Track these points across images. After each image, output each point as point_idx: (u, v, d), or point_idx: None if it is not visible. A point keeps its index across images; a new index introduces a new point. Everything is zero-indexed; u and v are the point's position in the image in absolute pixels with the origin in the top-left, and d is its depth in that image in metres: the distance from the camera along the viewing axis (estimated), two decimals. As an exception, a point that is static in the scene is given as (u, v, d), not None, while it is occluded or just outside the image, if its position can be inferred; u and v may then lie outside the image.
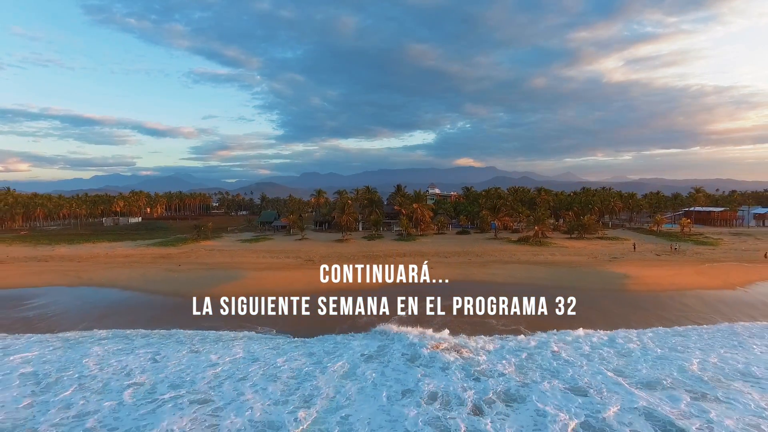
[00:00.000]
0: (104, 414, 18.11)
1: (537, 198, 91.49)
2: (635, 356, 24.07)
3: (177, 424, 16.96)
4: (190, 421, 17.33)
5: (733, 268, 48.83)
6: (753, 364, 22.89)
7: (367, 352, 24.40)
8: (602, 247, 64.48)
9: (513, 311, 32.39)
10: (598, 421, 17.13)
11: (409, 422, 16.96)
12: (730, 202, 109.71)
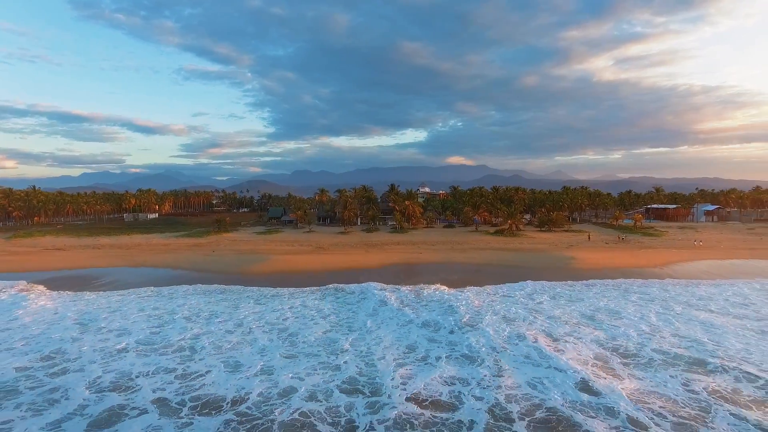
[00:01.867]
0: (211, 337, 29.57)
1: (515, 196, 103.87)
2: (546, 302, 35.97)
3: (264, 340, 28.50)
4: (274, 339, 28.87)
5: (663, 253, 61.16)
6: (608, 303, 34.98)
7: (382, 299, 36.04)
8: (564, 238, 76.78)
9: (483, 278, 44.45)
10: (517, 336, 28.76)
11: (412, 337, 28.30)
12: (685, 200, 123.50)
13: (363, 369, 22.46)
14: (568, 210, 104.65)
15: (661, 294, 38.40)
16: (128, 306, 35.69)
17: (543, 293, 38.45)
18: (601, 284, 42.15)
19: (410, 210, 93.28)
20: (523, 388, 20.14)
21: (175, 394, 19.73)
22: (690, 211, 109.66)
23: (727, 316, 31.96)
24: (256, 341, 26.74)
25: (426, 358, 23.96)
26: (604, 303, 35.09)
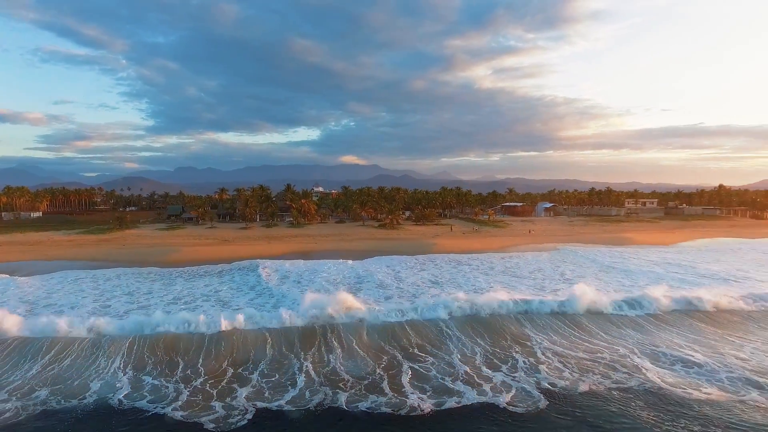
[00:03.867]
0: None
1: (396, 195, 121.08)
2: (404, 272, 50.83)
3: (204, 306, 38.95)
4: (209, 306, 39.35)
5: (502, 240, 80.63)
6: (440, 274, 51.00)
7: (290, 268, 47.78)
8: (433, 230, 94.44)
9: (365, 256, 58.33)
10: (384, 291, 42.58)
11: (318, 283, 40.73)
12: (530, 198, 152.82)
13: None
14: (440, 207, 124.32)
15: (479, 264, 55.46)
16: (65, 289, 41.39)
17: (400, 264, 53.41)
18: (445, 258, 58.49)
19: (306, 207, 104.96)
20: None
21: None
22: (533, 208, 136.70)
23: (499, 272, 49.35)
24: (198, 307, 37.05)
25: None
26: (435, 270, 50.92)
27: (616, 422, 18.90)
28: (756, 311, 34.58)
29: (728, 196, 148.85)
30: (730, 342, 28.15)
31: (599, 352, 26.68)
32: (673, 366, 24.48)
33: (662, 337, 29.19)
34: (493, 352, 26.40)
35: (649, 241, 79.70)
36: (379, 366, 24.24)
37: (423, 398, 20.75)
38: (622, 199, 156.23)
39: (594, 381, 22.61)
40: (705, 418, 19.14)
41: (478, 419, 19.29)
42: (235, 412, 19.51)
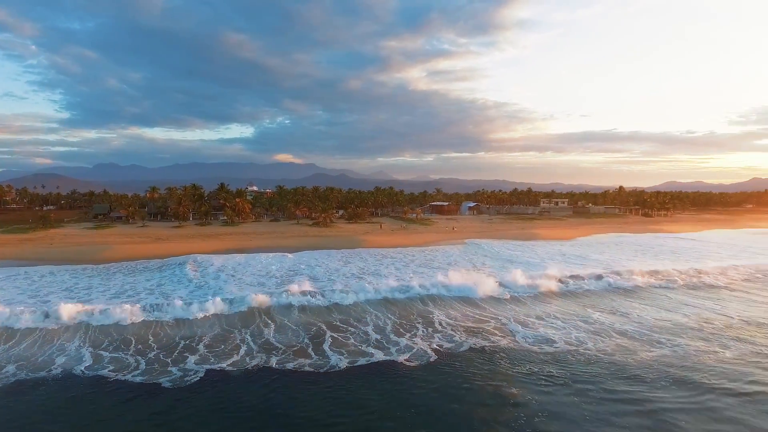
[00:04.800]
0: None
1: (330, 195, 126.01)
2: (333, 264, 56.33)
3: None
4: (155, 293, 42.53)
5: (426, 236, 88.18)
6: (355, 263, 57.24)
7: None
8: (364, 228, 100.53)
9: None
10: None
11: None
12: (456, 198, 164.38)
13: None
14: (373, 206, 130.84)
15: (402, 257, 62.16)
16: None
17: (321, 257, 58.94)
18: (372, 252, 64.66)
19: (240, 206, 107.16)
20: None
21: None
22: (459, 207, 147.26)
23: (418, 264, 56.38)
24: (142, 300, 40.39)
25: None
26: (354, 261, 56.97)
27: (485, 368, 25.40)
28: (610, 289, 43.67)
29: (627, 197, 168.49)
30: (582, 311, 36.31)
31: (485, 322, 33.69)
32: (536, 329, 31.86)
33: (534, 310, 36.87)
34: (400, 324, 32.60)
35: (553, 236, 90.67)
36: (307, 337, 29.63)
37: (341, 359, 26.35)
38: (538, 199, 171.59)
39: (475, 342, 29.31)
40: (551, 363, 26.22)
41: (382, 372, 25.16)
42: (189, 373, 24.09)
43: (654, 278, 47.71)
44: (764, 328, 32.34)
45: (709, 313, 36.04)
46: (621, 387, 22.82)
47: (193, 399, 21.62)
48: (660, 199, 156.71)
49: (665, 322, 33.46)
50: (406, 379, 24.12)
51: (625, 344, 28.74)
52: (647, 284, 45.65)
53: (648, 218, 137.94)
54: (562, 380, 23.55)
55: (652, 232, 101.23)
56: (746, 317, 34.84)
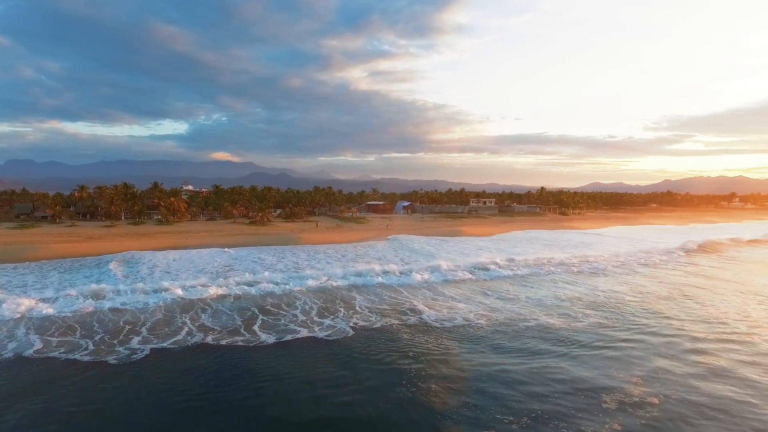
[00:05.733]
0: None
1: (267, 194, 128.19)
2: (268, 259, 60.19)
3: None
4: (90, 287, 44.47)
5: (361, 233, 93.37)
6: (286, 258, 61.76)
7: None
8: (300, 226, 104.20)
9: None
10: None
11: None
12: (390, 198, 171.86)
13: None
14: (310, 205, 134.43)
15: (334, 252, 67.02)
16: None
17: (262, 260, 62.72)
18: (306, 248, 69.09)
19: (175, 205, 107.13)
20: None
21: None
22: (394, 207, 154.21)
23: (350, 258, 61.61)
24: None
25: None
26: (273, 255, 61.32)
27: (392, 341, 30.63)
28: (510, 276, 50.98)
29: (547, 197, 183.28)
30: (482, 294, 42.94)
31: (400, 305, 39.25)
32: (441, 310, 37.77)
33: (444, 294, 43.03)
34: (325, 308, 37.44)
35: (475, 233, 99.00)
36: (240, 320, 33.78)
37: (269, 336, 30.78)
38: (468, 199, 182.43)
39: (387, 321, 34.68)
40: (447, 336, 32.07)
41: (304, 345, 29.81)
42: (136, 351, 27.58)
43: (548, 266, 55.83)
44: (615, 305, 40.32)
45: (584, 290, 43.91)
46: (492, 356, 29.06)
47: (139, 373, 25.16)
48: (575, 198, 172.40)
49: (544, 300, 40.71)
50: (325, 351, 28.89)
51: (509, 320, 35.27)
52: (540, 271, 53.56)
53: (564, 216, 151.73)
54: (454, 349, 29.19)
55: (563, 229, 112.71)
56: (611, 296, 42.92)
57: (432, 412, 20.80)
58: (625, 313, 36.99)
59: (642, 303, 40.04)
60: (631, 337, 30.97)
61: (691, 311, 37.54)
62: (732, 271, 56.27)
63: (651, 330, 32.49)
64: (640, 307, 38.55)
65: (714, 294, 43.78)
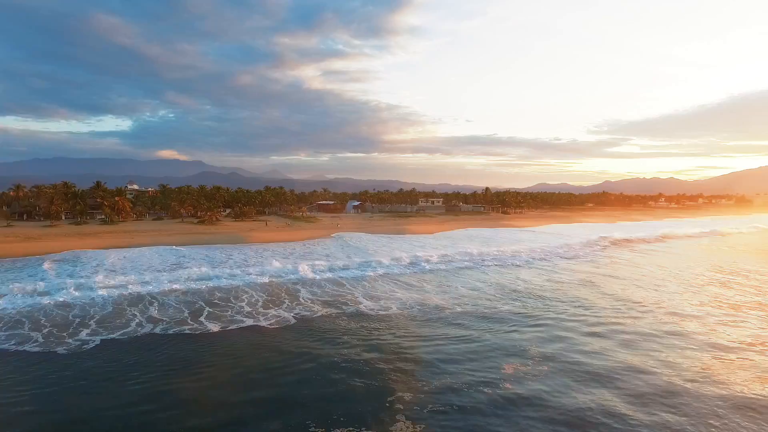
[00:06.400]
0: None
1: (216, 194, 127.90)
2: (217, 257, 61.88)
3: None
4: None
5: (310, 231, 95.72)
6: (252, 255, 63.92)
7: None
8: (250, 225, 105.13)
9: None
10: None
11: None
12: (340, 197, 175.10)
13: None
14: (261, 205, 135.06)
15: (282, 250, 69.38)
16: None
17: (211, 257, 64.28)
18: (254, 246, 71.08)
19: (120, 205, 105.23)
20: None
21: None
22: (344, 206, 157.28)
23: (298, 256, 64.33)
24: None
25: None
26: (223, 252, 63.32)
27: (329, 329, 33.82)
28: (444, 269, 55.45)
29: (492, 197, 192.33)
30: (419, 286, 46.98)
31: (342, 296, 42.47)
32: (379, 301, 41.33)
33: (382, 286, 46.71)
34: (271, 301, 40.13)
35: (421, 231, 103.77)
36: (187, 312, 35.95)
37: (215, 325, 33.23)
38: (418, 199, 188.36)
39: (328, 311, 37.80)
40: (381, 323, 35.64)
41: (247, 332, 32.36)
42: (86, 342, 29.29)
43: (481, 260, 60.90)
44: (531, 292, 45.44)
45: (508, 280, 48.91)
46: (419, 340, 32.95)
47: (89, 362, 26.84)
48: (516, 198, 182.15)
49: (472, 290, 45.25)
50: (268, 338, 31.61)
51: (438, 308, 39.33)
52: (473, 264, 58.49)
53: (505, 215, 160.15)
54: (386, 335, 32.57)
55: (503, 227, 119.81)
56: (529, 284, 48.09)
57: (362, 391, 23.78)
58: (538, 298, 42.08)
59: (553, 290, 45.39)
60: (541, 320, 35.80)
61: (596, 297, 43.15)
62: (638, 263, 63.51)
63: (558, 313, 37.51)
64: (551, 294, 43.83)
65: (618, 282, 49.99)
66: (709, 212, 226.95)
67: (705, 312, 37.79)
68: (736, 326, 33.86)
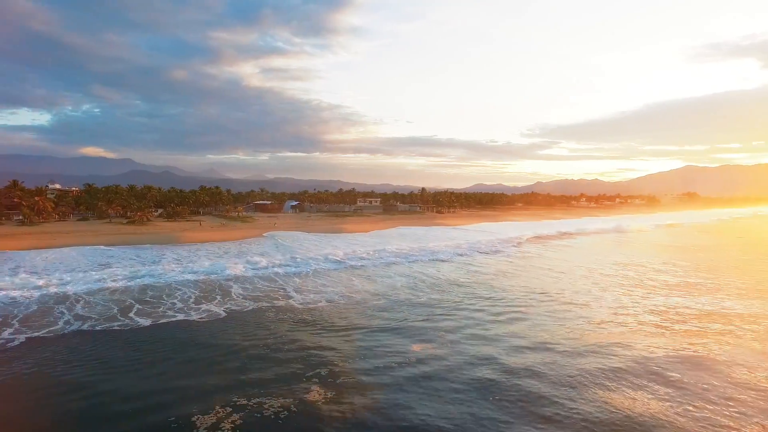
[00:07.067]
0: None
1: (147, 194, 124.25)
2: (148, 257, 61.79)
3: None
4: None
5: (246, 231, 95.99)
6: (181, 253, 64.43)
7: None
8: (183, 225, 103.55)
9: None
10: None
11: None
12: (278, 197, 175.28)
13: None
14: (195, 205, 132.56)
15: (217, 249, 70.07)
16: None
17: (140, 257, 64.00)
18: (188, 246, 71.11)
19: (41, 205, 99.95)
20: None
21: None
22: (282, 206, 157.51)
23: (233, 254, 65.55)
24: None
25: (67, 280, 45.72)
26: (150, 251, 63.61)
27: (258, 321, 36.04)
28: (371, 264, 58.97)
29: (427, 196, 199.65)
30: (347, 280, 50.07)
31: (274, 291, 44.66)
32: (309, 295, 43.93)
33: (314, 281, 49.38)
34: (203, 297, 41.62)
35: (356, 229, 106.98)
36: (116, 309, 36.84)
37: (146, 320, 34.51)
38: (356, 199, 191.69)
39: (258, 305, 39.91)
40: (308, 314, 38.31)
41: (177, 326, 33.80)
42: (9, 341, 29.72)
43: (409, 255, 65.07)
44: (449, 284, 49.98)
45: (431, 273, 53.18)
46: (343, 330, 36.06)
47: (13, 360, 27.28)
48: (450, 198, 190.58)
49: (397, 283, 49.01)
50: (197, 330, 33.34)
51: (364, 300, 42.61)
52: (401, 260, 62.50)
53: (439, 214, 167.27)
54: (314, 326, 35.11)
55: (436, 226, 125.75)
56: (449, 277, 52.60)
57: (290, 378, 26.35)
58: (453, 289, 46.58)
59: (468, 282, 50.20)
60: (452, 309, 40.07)
61: (503, 287, 48.32)
62: (546, 256, 70.50)
63: (468, 302, 42.02)
64: (465, 285, 48.55)
65: (525, 274, 55.82)
66: (621, 211, 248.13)
67: (592, 296, 43.85)
68: (610, 305, 39.87)
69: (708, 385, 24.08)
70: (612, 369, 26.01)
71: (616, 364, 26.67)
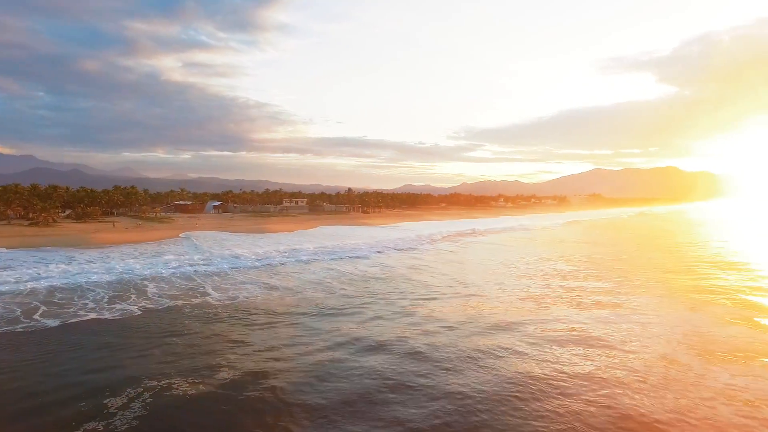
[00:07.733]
0: None
1: (54, 194, 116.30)
2: (53, 259, 59.45)
3: None
4: None
5: (163, 232, 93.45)
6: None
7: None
8: (95, 227, 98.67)
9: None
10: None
11: None
12: (200, 198, 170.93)
13: None
14: (108, 206, 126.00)
15: (132, 251, 68.52)
16: None
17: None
18: (100, 249, 68.80)
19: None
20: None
21: None
22: (204, 206, 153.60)
23: (148, 256, 64.74)
24: None
25: (-38, 284, 43.42)
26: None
27: (174, 318, 37.07)
28: (291, 263, 61.05)
29: (354, 197, 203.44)
30: (267, 277, 51.80)
31: (191, 289, 45.35)
32: (227, 292, 45.06)
33: (233, 279, 50.58)
34: (117, 296, 41.55)
35: (280, 229, 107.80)
36: (18, 311, 36.14)
37: (54, 321, 34.07)
38: (282, 199, 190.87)
39: (174, 303, 40.55)
40: (224, 311, 39.75)
41: (88, 325, 33.85)
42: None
43: (329, 254, 67.87)
44: (362, 279, 53.43)
45: (348, 270, 56.27)
46: (259, 326, 38.10)
47: None
48: (376, 198, 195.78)
49: (315, 280, 51.59)
50: (110, 328, 33.80)
51: (281, 296, 44.67)
52: (320, 258, 65.12)
53: (365, 214, 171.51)
54: (231, 321, 36.66)
55: (360, 225, 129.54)
56: (364, 273, 55.99)
57: (201, 366, 28.36)
58: (364, 284, 50.10)
59: (378, 278, 54.02)
60: (359, 303, 43.42)
61: (411, 282, 52.63)
62: (456, 252, 76.47)
63: (377, 297, 45.62)
64: (375, 280, 52.30)
65: (432, 269, 60.73)
66: (535, 210, 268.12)
67: (494, 285, 49.30)
68: (506, 291, 45.34)
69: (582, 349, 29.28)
70: (506, 343, 30.59)
71: (509, 339, 31.33)
